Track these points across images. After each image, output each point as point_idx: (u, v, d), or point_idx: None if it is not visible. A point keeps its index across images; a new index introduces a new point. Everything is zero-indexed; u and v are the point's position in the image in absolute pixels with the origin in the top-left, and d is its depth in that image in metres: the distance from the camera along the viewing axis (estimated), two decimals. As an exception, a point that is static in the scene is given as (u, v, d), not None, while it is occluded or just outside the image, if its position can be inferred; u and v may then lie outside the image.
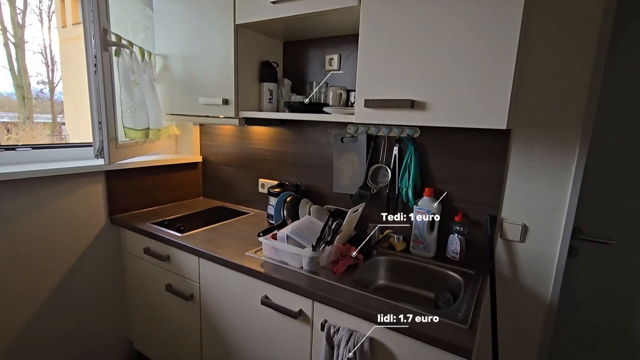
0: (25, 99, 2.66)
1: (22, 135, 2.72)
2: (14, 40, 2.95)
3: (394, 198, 1.47)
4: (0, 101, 2.58)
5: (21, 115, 2.77)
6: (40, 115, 2.37)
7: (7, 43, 2.62)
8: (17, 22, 2.82)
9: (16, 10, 2.72)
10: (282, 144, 1.78)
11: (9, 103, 2.61)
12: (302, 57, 1.65)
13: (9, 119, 2.71)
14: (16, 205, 1.36)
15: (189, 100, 1.61)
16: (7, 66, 2.64)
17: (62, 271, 1.53)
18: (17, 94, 2.64)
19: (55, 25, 2.47)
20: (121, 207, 1.73)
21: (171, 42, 1.62)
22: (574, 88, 1.13)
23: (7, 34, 2.75)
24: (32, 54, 2.28)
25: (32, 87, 2.22)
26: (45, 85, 2.45)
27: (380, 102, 1.11)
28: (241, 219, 1.76)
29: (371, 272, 1.32)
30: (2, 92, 2.63)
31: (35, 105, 2.31)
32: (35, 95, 2.36)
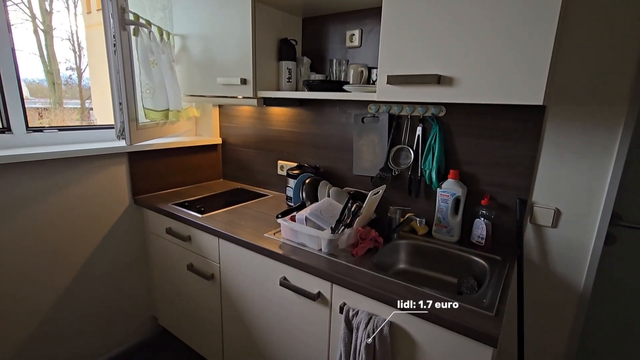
0: (55, 84, 2.75)
1: (52, 120, 2.83)
2: (42, 27, 3.03)
3: (417, 180, 1.41)
4: (34, 87, 2.67)
5: (52, 100, 2.88)
6: (70, 100, 2.44)
7: (36, 30, 2.69)
8: (45, 9, 2.88)
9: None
10: (302, 125, 1.74)
11: (41, 89, 2.70)
12: (321, 33, 1.58)
13: (42, 104, 2.83)
14: (45, 185, 1.41)
15: (207, 80, 1.59)
16: (37, 53, 2.68)
17: (89, 249, 1.59)
18: (48, 80, 2.71)
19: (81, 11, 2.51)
20: (144, 188, 1.76)
21: (189, 22, 1.60)
22: (621, 59, 1.02)
23: (36, 21, 2.83)
24: (60, 40, 2.32)
25: (62, 73, 2.27)
26: (73, 71, 2.50)
27: (403, 78, 1.05)
28: (260, 201, 1.76)
29: (391, 256, 1.29)
30: (34, 79, 2.70)
31: (65, 90, 2.37)
32: (64, 81, 2.41)
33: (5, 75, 1.37)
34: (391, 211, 1.34)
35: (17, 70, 1.40)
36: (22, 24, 2.49)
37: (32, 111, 2.83)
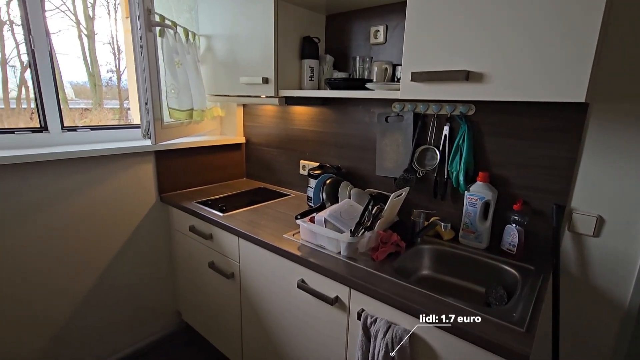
0: (96, 86, 2.94)
1: (93, 119, 3.02)
2: (86, 32, 3.23)
3: (443, 183, 1.34)
4: (78, 89, 2.85)
5: (93, 101, 3.09)
6: (110, 101, 2.59)
7: (80, 35, 2.88)
8: (88, 15, 3.06)
9: (87, 4, 2.92)
10: (324, 124, 1.71)
11: (85, 91, 2.88)
12: (345, 30, 1.54)
13: (85, 105, 3.04)
14: (78, 181, 1.47)
15: (231, 80, 1.60)
16: (81, 57, 2.85)
17: (118, 244, 1.65)
18: (90, 82, 2.86)
19: (121, 16, 2.63)
20: (170, 186, 1.80)
21: (214, 22, 1.61)
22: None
23: (80, 27, 3.03)
24: (102, 44, 2.46)
25: (102, 76, 2.40)
26: (113, 73, 2.64)
27: (428, 74, 0.99)
28: (281, 201, 1.75)
29: (414, 261, 1.24)
30: (79, 81, 2.88)
31: (105, 92, 2.50)
32: (105, 83, 2.55)
33: (43, 78, 1.44)
34: (415, 214, 1.28)
35: (54, 73, 1.47)
36: (68, 30, 2.69)
37: (75, 111, 3.05)
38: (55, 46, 2.49)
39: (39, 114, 1.48)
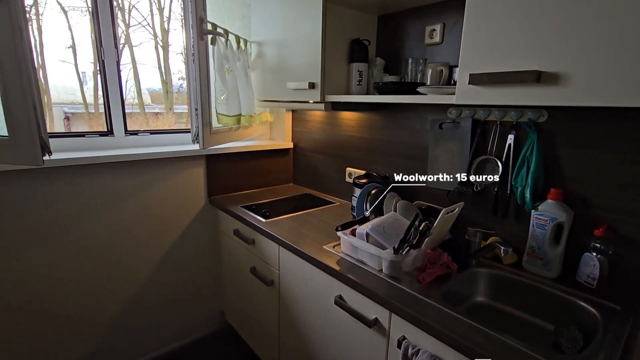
0: (168, 92, 3.24)
1: (164, 123, 3.37)
2: (161, 44, 3.59)
3: (505, 198, 1.18)
4: (154, 95, 3.19)
5: (165, 106, 3.43)
6: (180, 106, 2.81)
7: (156, 46, 3.20)
8: (164, 29, 3.39)
9: (164, 18, 3.22)
10: (372, 130, 1.63)
11: (159, 97, 3.22)
12: (398, 31, 1.45)
13: (159, 109, 3.42)
14: (134, 182, 1.57)
15: (279, 85, 1.60)
16: (157, 66, 3.15)
17: (168, 243, 1.73)
18: (163, 89, 3.14)
19: (192, 28, 2.85)
20: (218, 189, 1.85)
21: (265, 28, 1.62)
22: None
23: (156, 39, 3.38)
24: (175, 54, 2.68)
25: (174, 83, 2.61)
26: (183, 80, 2.88)
27: (490, 76, 0.86)
28: (326, 209, 1.70)
29: (467, 286, 1.10)
30: (155, 88, 3.19)
31: (176, 97, 2.71)
32: (176, 90, 2.77)
33: (111, 86, 1.56)
34: (470, 233, 1.15)
35: (120, 81, 1.59)
36: (148, 42, 3.02)
37: (150, 115, 3.44)
38: (137, 57, 2.79)
39: (106, 119, 1.61)
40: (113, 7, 1.52)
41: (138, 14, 2.81)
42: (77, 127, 2.82)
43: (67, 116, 3.46)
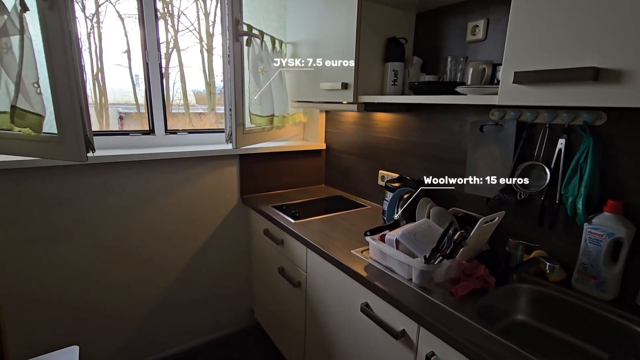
0: (211, 94, 3.42)
1: (206, 122, 3.59)
2: (206, 47, 3.78)
3: (553, 209, 1.08)
4: (199, 96, 3.40)
5: (208, 107, 3.62)
6: (221, 107, 2.98)
7: (201, 50, 3.39)
8: (209, 33, 3.57)
9: (209, 23, 3.41)
10: (407, 132, 1.57)
11: (203, 98, 3.43)
12: (437, 28, 1.38)
13: (202, 110, 3.65)
14: (172, 179, 1.64)
15: (312, 86, 1.58)
16: (201, 68, 3.33)
17: (202, 240, 1.78)
18: (206, 90, 3.30)
19: (234, 32, 2.97)
20: (251, 188, 1.88)
21: (300, 29, 1.62)
22: None
23: (202, 43, 3.57)
24: (218, 57, 2.83)
25: (216, 85, 2.74)
26: None
27: (538, 75, 0.79)
28: (356, 212, 1.66)
29: (505, 303, 1.01)
30: (199, 90, 3.40)
31: (218, 98, 2.84)
32: (218, 91, 2.89)
33: (153, 88, 1.64)
34: (511, 245, 1.06)
35: (162, 83, 1.66)
36: (194, 46, 3.24)
37: (194, 115, 3.67)
38: (183, 60, 2.98)
39: (149, 119, 1.69)
40: (157, 15, 1.60)
41: (186, 19, 2.99)
42: (129, 125, 3.06)
43: (121, 116, 3.73)
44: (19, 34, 0.94)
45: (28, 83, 0.98)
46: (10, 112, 0.97)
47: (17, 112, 0.97)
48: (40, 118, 1.01)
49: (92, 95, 3.55)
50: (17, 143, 1.09)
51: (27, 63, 0.97)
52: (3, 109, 1.01)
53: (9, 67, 0.97)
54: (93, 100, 3.66)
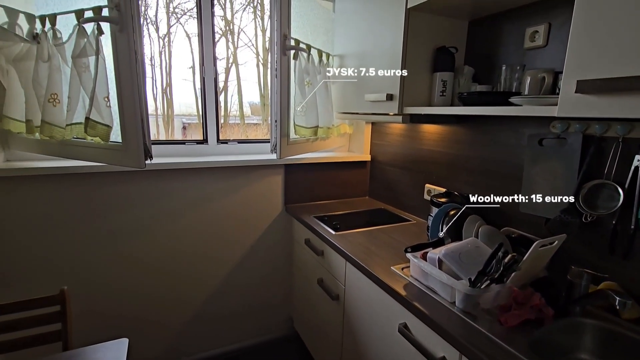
0: (265, 105, 3.62)
1: (259, 133, 3.82)
2: (262, 61, 4.00)
3: (627, 234, 0.94)
4: (254, 108, 3.65)
5: (262, 118, 3.85)
6: None
7: (258, 64, 3.61)
8: (265, 48, 3.80)
9: (265, 38, 3.64)
10: (456, 145, 1.49)
11: (257, 109, 3.67)
12: (492, 35, 1.30)
13: (257, 121, 3.89)
14: (222, 186, 1.72)
15: (358, 97, 1.58)
16: (257, 82, 3.55)
17: (246, 246, 1.84)
18: (261, 102, 3.51)
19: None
20: (295, 198, 1.91)
21: (346, 41, 1.63)
22: None
23: (258, 57, 3.81)
24: None
25: (270, 97, 2.93)
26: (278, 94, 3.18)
27: (607, 83, 0.70)
28: (399, 226, 1.60)
29: (565, 338, 0.89)
30: (254, 101, 3.63)
31: None
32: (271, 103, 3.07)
33: (208, 102, 1.76)
34: (574, 273, 0.94)
35: (216, 96, 1.78)
36: (252, 61, 3.48)
37: (249, 126, 3.91)
38: (241, 74, 3.19)
39: (203, 129, 1.81)
40: (214, 34, 1.72)
41: (245, 36, 3.21)
42: (191, 134, 3.35)
43: (185, 126, 4.06)
44: (95, 55, 1.07)
45: (100, 97, 1.11)
46: (84, 123, 1.10)
47: (90, 123, 1.10)
48: (108, 128, 1.13)
49: (161, 107, 3.92)
50: (88, 150, 1.23)
51: (100, 80, 1.09)
52: (79, 120, 1.15)
53: (86, 83, 1.10)
54: (161, 112, 4.03)
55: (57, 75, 1.16)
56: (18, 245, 1.40)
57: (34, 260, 1.44)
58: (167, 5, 3.44)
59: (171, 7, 3.51)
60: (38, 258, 1.44)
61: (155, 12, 3.38)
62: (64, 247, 1.47)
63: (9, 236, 1.38)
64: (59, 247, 1.46)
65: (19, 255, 1.41)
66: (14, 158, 1.46)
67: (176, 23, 3.35)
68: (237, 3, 3.62)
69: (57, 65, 1.16)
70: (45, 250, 1.44)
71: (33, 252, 1.43)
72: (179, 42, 2.90)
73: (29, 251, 1.42)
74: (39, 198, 1.39)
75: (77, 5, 1.12)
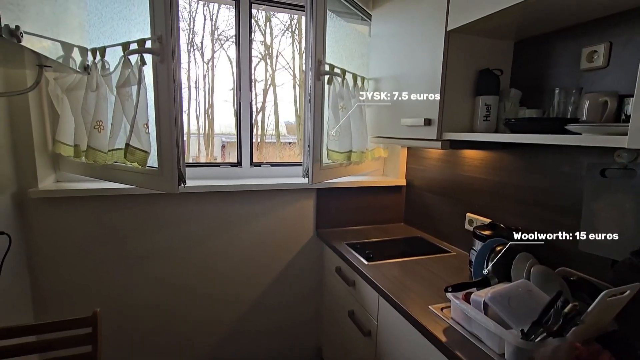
0: (300, 125, 3.73)
1: (295, 151, 3.88)
2: (298, 83, 4.13)
3: None
4: (289, 127, 3.75)
5: (297, 137, 3.94)
6: None
7: (294, 85, 3.74)
8: (302, 69, 3.92)
9: (302, 60, 3.77)
10: (501, 172, 1.37)
11: (293, 128, 3.78)
12: (542, 56, 1.21)
13: (292, 140, 3.98)
14: (252, 210, 1.72)
15: (393, 122, 1.53)
16: (292, 102, 3.67)
17: (277, 269, 1.81)
18: (296, 122, 3.60)
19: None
20: (326, 222, 1.86)
21: (382, 65, 1.60)
22: None
23: (295, 79, 3.94)
24: None
25: (303, 121, 3.02)
26: None
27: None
28: (438, 258, 1.49)
29: (646, 411, 0.75)
30: (290, 121, 3.74)
31: None
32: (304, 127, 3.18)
33: (243, 125, 1.79)
34: (651, 330, 0.80)
35: (250, 120, 1.80)
36: (288, 82, 3.59)
37: (284, 145, 4.04)
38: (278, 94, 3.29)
39: (238, 152, 1.83)
40: (251, 59, 1.76)
41: (283, 59, 3.37)
42: (229, 153, 3.49)
43: (224, 144, 4.24)
44: (137, 84, 1.12)
45: (140, 124, 1.15)
46: (124, 149, 1.14)
47: (130, 149, 1.14)
48: (146, 154, 1.17)
49: (203, 127, 4.14)
50: (127, 174, 1.27)
51: (141, 107, 1.13)
52: (120, 146, 1.20)
53: (127, 111, 1.15)
54: (203, 131, 4.25)
55: (103, 104, 1.22)
56: (56, 266, 1.46)
57: (70, 281, 1.49)
58: (212, 33, 3.66)
59: (216, 34, 3.73)
60: (73, 278, 1.49)
61: (201, 39, 3.60)
62: (98, 268, 1.52)
63: (50, 256, 1.45)
64: (93, 267, 1.51)
65: (55, 275, 1.47)
66: (63, 179, 1.55)
67: (219, 49, 3.53)
68: (277, 29, 3.77)
69: (104, 94, 1.22)
70: (80, 270, 1.50)
71: (69, 272, 1.48)
72: (222, 66, 3.02)
73: (65, 271, 1.48)
74: (79, 219, 1.46)
75: (125, 38, 1.18)
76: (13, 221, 1.32)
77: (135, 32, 1.16)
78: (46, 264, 1.45)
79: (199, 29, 3.86)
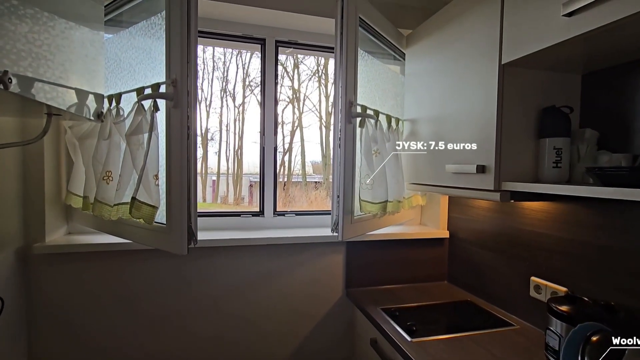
0: (326, 165, 3.69)
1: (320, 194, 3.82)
2: (325, 124, 4.14)
3: None
4: (315, 167, 3.74)
5: (323, 176, 3.91)
6: None
7: (320, 127, 3.79)
8: (328, 111, 3.96)
9: (329, 103, 3.82)
10: (576, 228, 1.12)
11: (318, 168, 3.75)
12: (619, 90, 1.00)
13: (318, 179, 3.95)
14: (273, 266, 1.52)
15: (434, 168, 1.33)
16: (319, 142, 3.64)
17: (301, 335, 1.56)
18: (322, 162, 3.54)
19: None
20: (357, 281, 1.62)
21: (420, 104, 1.44)
22: None
23: (321, 121, 4.00)
24: None
25: (332, 168, 3.02)
26: None
27: None
28: (498, 334, 1.20)
29: None
30: (316, 160, 3.70)
31: None
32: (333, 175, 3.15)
33: (267, 172, 1.65)
34: None
35: (275, 167, 1.67)
36: (315, 124, 3.64)
37: (310, 184, 3.98)
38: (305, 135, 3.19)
39: (260, 201, 1.68)
40: (277, 101, 1.66)
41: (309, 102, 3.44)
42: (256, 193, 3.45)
43: (251, 184, 4.21)
44: (148, 131, 1.01)
45: (150, 175, 1.02)
46: (130, 203, 1.01)
47: (135, 204, 1.01)
48: (153, 209, 1.03)
49: (232, 167, 4.19)
50: (134, 229, 1.13)
51: (151, 156, 1.02)
52: (126, 200, 1.07)
53: (137, 160, 1.04)
54: (232, 171, 4.31)
55: (115, 153, 1.12)
56: (58, 327, 1.31)
57: (73, 347, 1.32)
58: (244, 79, 3.80)
59: (247, 81, 3.86)
60: (75, 343, 1.33)
61: (233, 86, 3.75)
62: (103, 331, 1.35)
63: (54, 315, 1.30)
64: (99, 330, 1.35)
65: (56, 340, 1.31)
66: (75, 231, 1.44)
67: (250, 94, 3.63)
68: (304, 74, 3.88)
69: (116, 142, 1.13)
70: (84, 334, 1.33)
71: (71, 336, 1.32)
72: (252, 109, 3.04)
73: (67, 334, 1.32)
74: (87, 276, 1.32)
75: (141, 83, 1.10)
76: (13, 280, 1.20)
77: (152, 76, 1.08)
78: (47, 326, 1.30)
79: (232, 77, 4.04)
